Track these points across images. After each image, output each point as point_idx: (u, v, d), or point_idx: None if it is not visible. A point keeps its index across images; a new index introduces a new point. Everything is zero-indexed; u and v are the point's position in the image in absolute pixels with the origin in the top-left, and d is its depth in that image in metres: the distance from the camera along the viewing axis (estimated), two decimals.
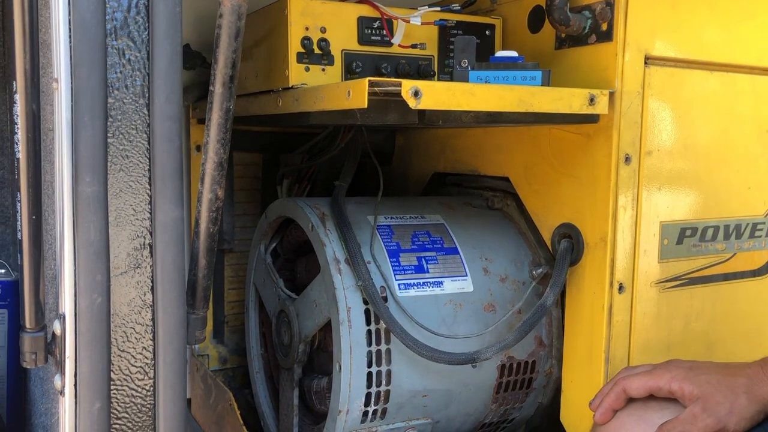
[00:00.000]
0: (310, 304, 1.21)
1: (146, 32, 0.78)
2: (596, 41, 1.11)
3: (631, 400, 1.01)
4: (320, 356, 1.27)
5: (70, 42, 0.74)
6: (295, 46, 1.12)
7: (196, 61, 1.46)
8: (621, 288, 1.11)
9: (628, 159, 1.10)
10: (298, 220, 1.24)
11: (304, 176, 1.48)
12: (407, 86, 0.90)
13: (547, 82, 1.04)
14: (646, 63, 1.10)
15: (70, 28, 0.74)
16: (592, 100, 1.04)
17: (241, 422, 1.30)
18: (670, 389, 0.96)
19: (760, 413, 0.92)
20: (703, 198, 1.18)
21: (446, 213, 1.30)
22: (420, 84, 0.91)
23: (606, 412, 1.01)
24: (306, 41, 1.12)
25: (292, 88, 1.12)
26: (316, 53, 1.13)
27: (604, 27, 1.09)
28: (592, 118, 1.09)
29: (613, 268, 1.11)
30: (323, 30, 1.13)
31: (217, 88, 0.77)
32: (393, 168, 1.61)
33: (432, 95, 0.92)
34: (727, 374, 0.95)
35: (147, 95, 0.78)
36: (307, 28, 1.12)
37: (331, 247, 1.15)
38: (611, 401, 1.01)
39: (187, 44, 1.45)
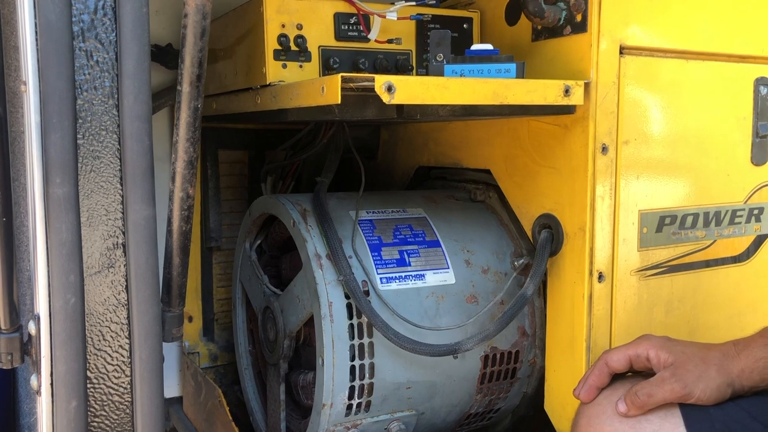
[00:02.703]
0: (293, 300, 1.21)
1: (114, 33, 0.78)
2: (571, 32, 1.11)
3: (615, 378, 1.02)
4: (306, 351, 1.28)
5: (37, 45, 0.74)
6: (271, 44, 1.12)
7: (178, 60, 1.46)
8: (601, 277, 1.12)
9: (605, 149, 1.10)
10: (280, 217, 1.24)
11: (288, 172, 1.49)
12: (380, 81, 0.90)
13: (521, 74, 1.04)
14: (621, 53, 1.10)
15: (36, 31, 0.74)
16: (567, 91, 1.04)
17: (230, 418, 1.31)
18: (647, 356, 0.99)
19: (728, 386, 0.95)
20: (682, 186, 1.18)
21: (428, 206, 1.30)
22: (393, 79, 0.91)
23: (590, 389, 1.02)
24: (283, 38, 1.12)
25: (270, 85, 1.13)
26: (293, 50, 1.13)
27: (579, 18, 1.10)
28: (568, 109, 1.09)
29: (593, 257, 1.11)
30: (300, 27, 1.14)
31: (185, 88, 0.78)
32: (378, 162, 1.61)
33: (406, 90, 0.92)
34: (702, 348, 0.99)
35: (116, 96, 0.79)
36: (283, 26, 1.13)
37: (312, 243, 1.15)
38: (594, 378, 1.02)
39: (169, 44, 1.46)
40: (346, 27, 1.17)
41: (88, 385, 0.80)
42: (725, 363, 0.95)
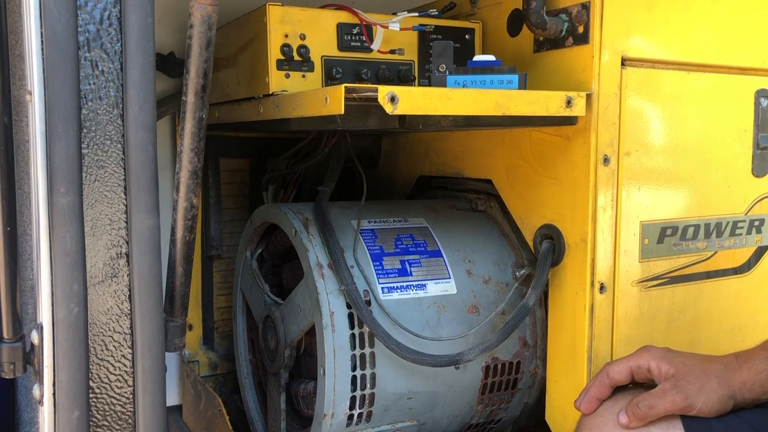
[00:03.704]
0: (294, 309, 1.21)
1: (119, 43, 0.78)
2: (573, 44, 1.11)
3: (616, 390, 1.02)
4: (307, 361, 1.28)
5: (43, 54, 0.75)
6: (274, 53, 1.12)
7: (182, 69, 1.46)
8: (602, 288, 1.12)
9: (606, 160, 1.10)
10: (281, 226, 1.24)
11: (289, 181, 1.49)
12: (383, 92, 0.91)
13: (523, 85, 1.05)
14: (623, 64, 1.11)
15: (42, 41, 0.74)
16: (569, 103, 1.05)
17: (230, 427, 1.31)
18: (648, 367, 0.99)
19: (729, 398, 0.95)
20: (683, 197, 1.18)
21: (430, 216, 1.30)
22: (396, 89, 0.91)
23: (591, 401, 1.03)
24: (286, 48, 1.13)
25: (272, 95, 1.13)
26: (296, 60, 1.14)
27: (581, 30, 1.10)
28: (570, 120, 1.10)
29: (594, 268, 1.11)
30: (303, 37, 1.14)
31: (190, 98, 0.78)
32: (380, 171, 1.61)
33: (409, 100, 0.93)
34: (703, 359, 0.99)
35: (121, 106, 0.79)
36: (286, 35, 1.13)
37: (314, 252, 1.16)
38: (595, 389, 1.03)
39: (172, 52, 1.46)
40: (349, 37, 1.17)
41: (91, 395, 0.80)
42: (727, 375, 0.95)
